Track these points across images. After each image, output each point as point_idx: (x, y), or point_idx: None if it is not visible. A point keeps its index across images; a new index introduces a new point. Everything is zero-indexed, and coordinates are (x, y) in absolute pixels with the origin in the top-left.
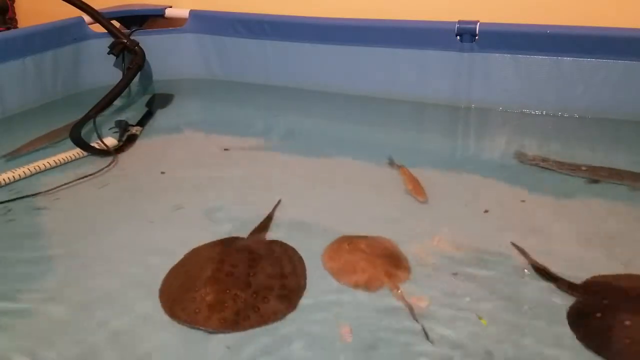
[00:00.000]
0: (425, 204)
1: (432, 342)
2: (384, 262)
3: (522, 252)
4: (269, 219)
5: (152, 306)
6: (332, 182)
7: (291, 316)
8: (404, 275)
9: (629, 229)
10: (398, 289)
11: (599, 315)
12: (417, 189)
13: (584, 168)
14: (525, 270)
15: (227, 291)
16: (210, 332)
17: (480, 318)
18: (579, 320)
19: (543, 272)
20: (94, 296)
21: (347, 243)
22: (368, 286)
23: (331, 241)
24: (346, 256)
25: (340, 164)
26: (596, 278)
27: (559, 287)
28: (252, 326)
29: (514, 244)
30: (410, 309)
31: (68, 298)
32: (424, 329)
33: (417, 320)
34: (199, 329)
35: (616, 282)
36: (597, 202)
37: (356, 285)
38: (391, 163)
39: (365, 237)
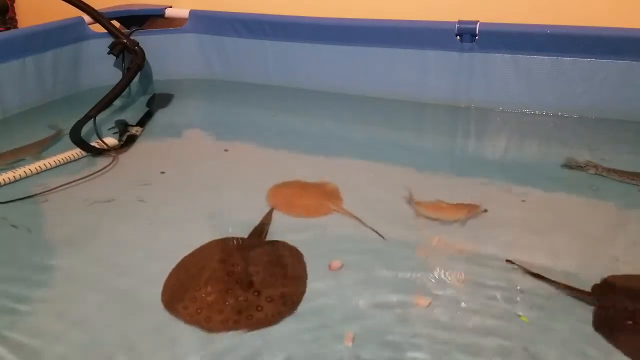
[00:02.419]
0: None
1: (385, 239)
2: (320, 193)
3: (523, 269)
4: (268, 218)
5: (153, 305)
6: (332, 182)
7: (292, 315)
8: (339, 202)
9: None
10: (340, 209)
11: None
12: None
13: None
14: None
15: (229, 291)
16: (212, 332)
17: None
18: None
19: (551, 281)
20: (95, 296)
21: (286, 186)
22: (314, 213)
23: (330, 240)
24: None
25: (340, 163)
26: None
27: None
28: (254, 325)
29: (510, 261)
30: (358, 219)
31: (69, 298)
32: (377, 232)
33: (369, 227)
34: (200, 328)
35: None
36: (597, 202)
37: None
38: (409, 200)
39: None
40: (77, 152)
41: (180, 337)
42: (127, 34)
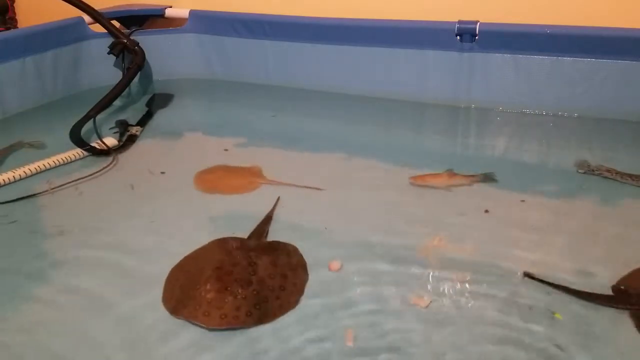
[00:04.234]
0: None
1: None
2: (244, 173)
3: (542, 281)
4: (268, 218)
5: (154, 305)
6: (332, 182)
7: (291, 314)
8: (264, 177)
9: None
10: (269, 180)
11: None
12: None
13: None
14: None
15: (228, 288)
16: (211, 329)
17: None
18: None
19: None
20: (95, 295)
21: (209, 172)
22: (246, 189)
23: (330, 240)
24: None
25: (341, 163)
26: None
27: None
28: (253, 323)
29: (528, 274)
30: (290, 183)
31: (70, 297)
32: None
33: (302, 185)
34: (199, 325)
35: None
36: (598, 202)
37: (239, 191)
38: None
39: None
40: (77, 152)
41: (179, 333)
42: (127, 34)
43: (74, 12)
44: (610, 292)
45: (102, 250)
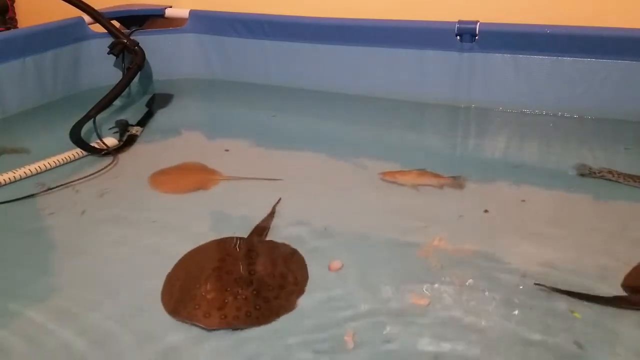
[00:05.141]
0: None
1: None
2: (198, 170)
3: (553, 289)
4: (269, 218)
5: (153, 304)
6: (332, 182)
7: (291, 314)
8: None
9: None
10: (225, 176)
11: None
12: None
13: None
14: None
15: (228, 289)
16: (210, 330)
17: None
18: None
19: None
20: (96, 295)
21: (163, 174)
22: (205, 186)
23: (329, 240)
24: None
25: (341, 163)
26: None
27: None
28: (253, 324)
29: (539, 284)
30: (245, 177)
31: (71, 297)
32: (268, 178)
33: (259, 178)
34: (199, 326)
35: None
36: (598, 202)
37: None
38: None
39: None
40: (77, 152)
41: (178, 333)
42: (127, 34)
43: (74, 12)
44: (621, 292)
45: (102, 249)
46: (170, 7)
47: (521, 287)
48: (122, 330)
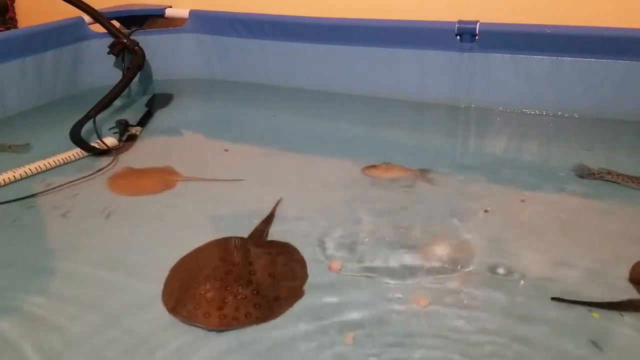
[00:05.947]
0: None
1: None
2: (158, 172)
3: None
4: (269, 218)
5: (154, 304)
6: (332, 182)
7: (291, 314)
8: (179, 176)
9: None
10: (185, 177)
11: None
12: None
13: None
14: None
15: (227, 288)
16: (210, 329)
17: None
18: None
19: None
20: (97, 294)
21: (121, 177)
22: (167, 186)
23: (330, 240)
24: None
25: (341, 163)
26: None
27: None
28: (253, 323)
29: (556, 298)
30: (204, 178)
31: (72, 296)
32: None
33: (217, 179)
34: (198, 326)
35: None
36: (598, 201)
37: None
38: None
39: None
40: (77, 152)
41: (178, 333)
42: (127, 34)
43: (74, 12)
44: (629, 287)
45: (103, 249)
46: (170, 7)
47: (522, 287)
48: (122, 329)
